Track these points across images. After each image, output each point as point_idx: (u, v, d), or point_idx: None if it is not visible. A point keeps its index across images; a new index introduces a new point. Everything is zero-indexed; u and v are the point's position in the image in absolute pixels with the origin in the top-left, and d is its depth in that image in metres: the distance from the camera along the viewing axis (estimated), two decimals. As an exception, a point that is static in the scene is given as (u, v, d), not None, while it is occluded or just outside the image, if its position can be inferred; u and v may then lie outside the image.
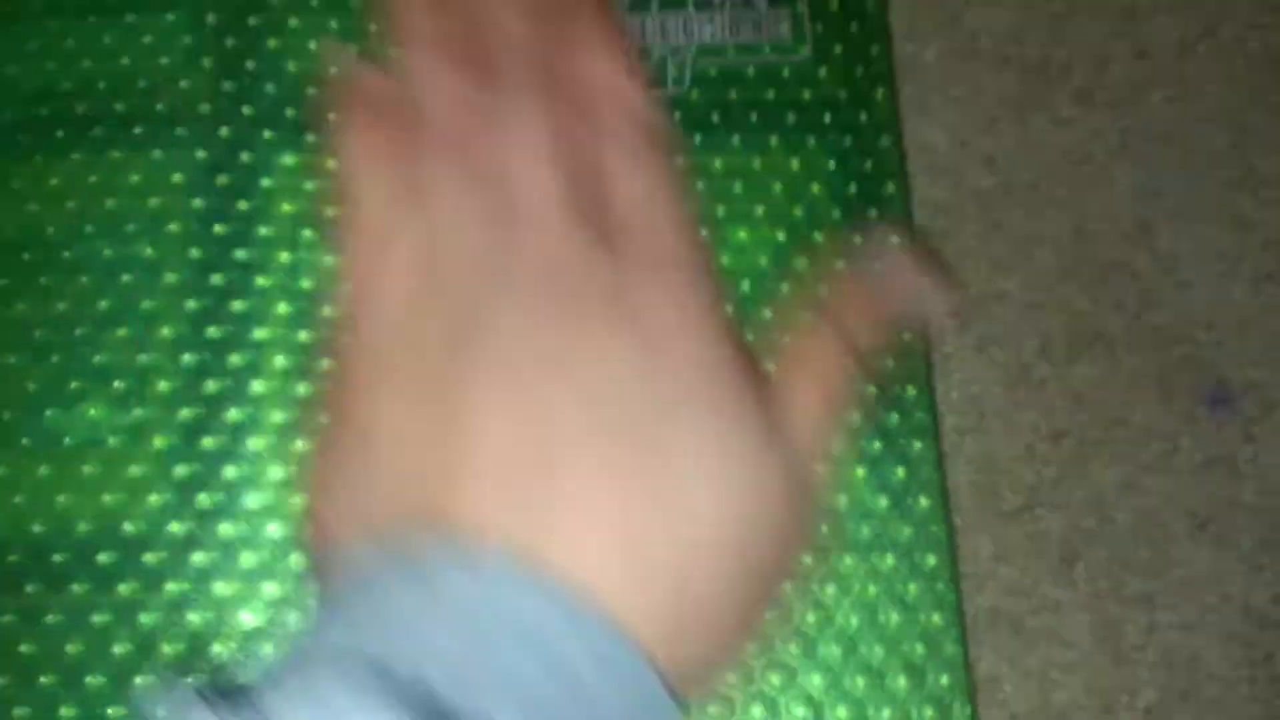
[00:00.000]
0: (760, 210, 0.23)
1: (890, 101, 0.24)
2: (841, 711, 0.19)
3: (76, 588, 0.20)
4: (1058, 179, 0.27)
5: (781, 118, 0.24)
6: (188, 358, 0.21)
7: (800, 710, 0.19)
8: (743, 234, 0.23)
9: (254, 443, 0.21)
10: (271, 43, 0.23)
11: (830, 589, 0.20)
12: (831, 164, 0.23)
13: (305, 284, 0.22)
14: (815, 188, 0.23)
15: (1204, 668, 0.23)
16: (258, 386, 0.21)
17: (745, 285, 0.22)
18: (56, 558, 0.20)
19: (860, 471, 0.21)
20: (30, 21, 0.23)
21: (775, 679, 0.19)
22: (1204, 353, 0.26)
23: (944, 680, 0.19)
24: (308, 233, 0.22)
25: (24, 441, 0.21)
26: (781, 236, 0.23)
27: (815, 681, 0.19)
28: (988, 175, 0.27)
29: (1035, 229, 0.26)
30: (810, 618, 0.19)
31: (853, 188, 0.23)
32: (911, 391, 0.21)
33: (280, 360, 0.21)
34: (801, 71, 0.24)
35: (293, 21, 0.23)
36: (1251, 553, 0.24)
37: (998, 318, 0.26)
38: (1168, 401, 0.25)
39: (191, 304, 0.21)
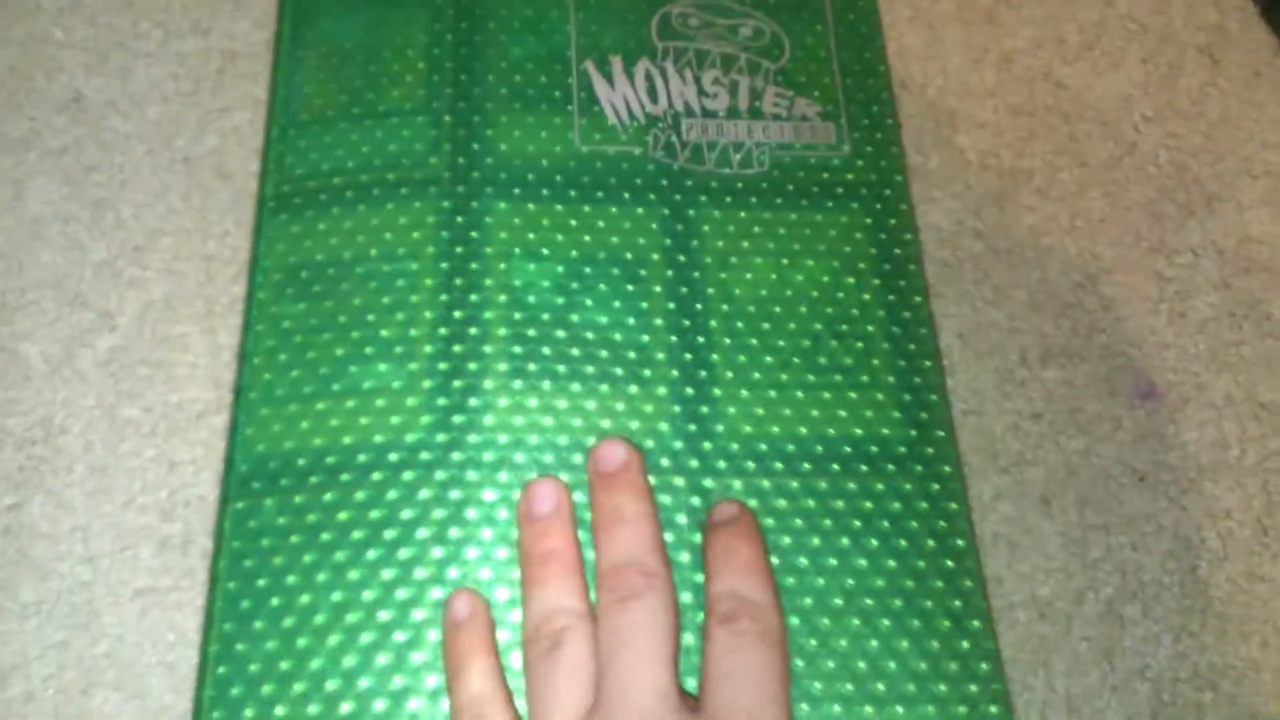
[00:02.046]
0: (821, 249, 0.40)
1: (905, 183, 0.42)
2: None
3: (376, 475, 0.35)
4: (1027, 246, 0.44)
5: (833, 191, 0.41)
6: (442, 330, 0.37)
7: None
8: (810, 262, 0.40)
9: (488, 383, 0.36)
10: (489, 132, 0.41)
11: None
12: (868, 221, 0.41)
13: (504, 299, 0.38)
14: (857, 235, 0.40)
15: (1146, 574, 0.39)
16: (487, 348, 0.37)
17: (813, 294, 0.39)
18: (361, 458, 0.35)
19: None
20: (326, 123, 0.41)
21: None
22: (1136, 363, 0.42)
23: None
24: (515, 250, 0.39)
25: (335, 387, 0.36)
26: (836, 264, 0.40)
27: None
28: (977, 243, 0.44)
29: (1013, 279, 0.44)
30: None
31: (882, 236, 0.40)
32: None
33: (500, 330, 0.37)
34: (845, 162, 0.42)
35: (502, 119, 0.41)
36: (1177, 497, 0.40)
37: (989, 338, 0.42)
38: (1113, 395, 0.42)
39: (443, 298, 0.38)
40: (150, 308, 0.40)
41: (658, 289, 0.38)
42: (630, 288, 0.38)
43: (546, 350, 0.37)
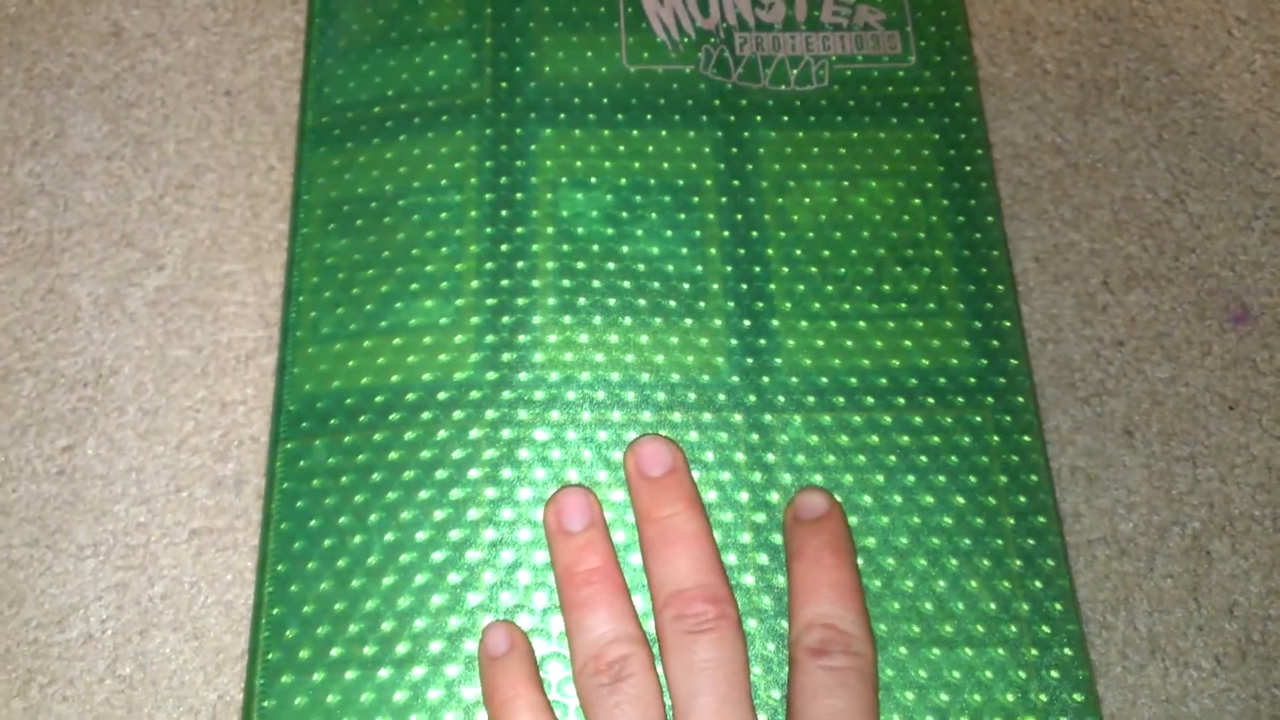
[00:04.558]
0: (885, 169, 0.38)
1: (976, 94, 0.40)
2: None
3: (426, 415, 0.34)
4: (1110, 161, 0.42)
5: (898, 105, 0.39)
6: (489, 265, 0.36)
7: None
8: (873, 184, 0.38)
9: (538, 319, 0.36)
10: (532, 54, 0.40)
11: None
12: (935, 137, 0.39)
13: (552, 231, 0.37)
14: (924, 153, 0.39)
15: (1236, 508, 0.37)
16: (536, 283, 0.36)
17: (876, 217, 0.37)
18: (410, 397, 0.35)
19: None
20: (364, 50, 0.40)
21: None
22: (1228, 285, 0.40)
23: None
24: (561, 179, 0.38)
25: (381, 324, 0.36)
26: (901, 184, 0.38)
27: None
28: (1056, 159, 0.42)
29: (1094, 197, 0.42)
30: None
31: (951, 152, 0.39)
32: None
33: (549, 264, 0.36)
34: (911, 74, 0.40)
35: (545, 39, 0.40)
36: (1270, 425, 0.38)
37: (1069, 260, 0.41)
38: (1202, 320, 0.40)
39: (489, 230, 0.37)
40: (197, 246, 0.40)
41: (711, 216, 0.37)
42: (682, 216, 0.37)
43: (596, 283, 0.36)
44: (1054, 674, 0.31)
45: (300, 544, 0.33)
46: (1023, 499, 0.34)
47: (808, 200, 0.38)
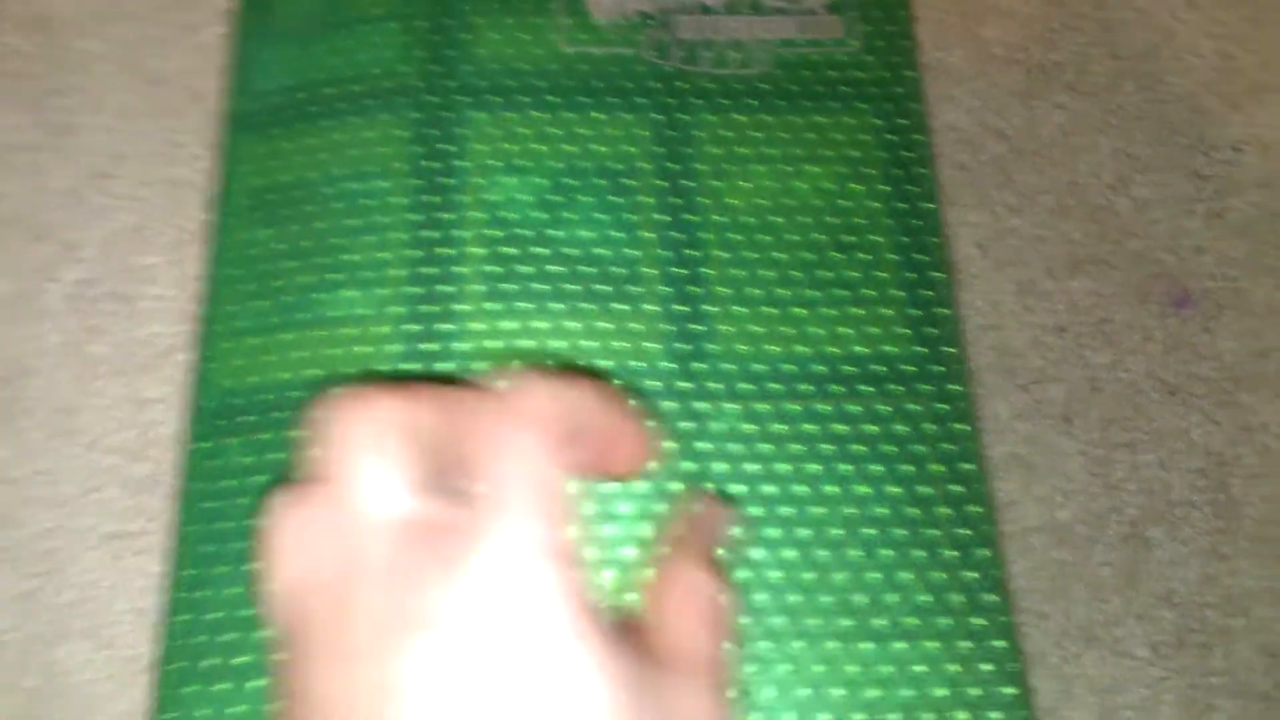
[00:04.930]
0: (825, 154, 0.38)
1: (917, 79, 0.39)
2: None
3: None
4: (1055, 146, 0.42)
5: (840, 90, 0.39)
6: (414, 252, 0.35)
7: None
8: (813, 169, 0.37)
9: (463, 306, 0.35)
10: (465, 36, 0.38)
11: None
12: (877, 122, 0.38)
13: (482, 216, 0.36)
14: (865, 138, 0.38)
15: (1174, 494, 0.37)
16: (462, 269, 0.35)
17: (816, 203, 0.37)
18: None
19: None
20: (292, 34, 0.39)
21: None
22: (1170, 270, 0.40)
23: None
24: (493, 163, 0.37)
25: (300, 316, 0.35)
26: (841, 170, 0.37)
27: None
28: (1000, 144, 0.42)
29: (1038, 182, 0.41)
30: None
31: (892, 138, 0.38)
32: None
33: (477, 250, 0.35)
34: (854, 59, 0.39)
35: (479, 20, 0.39)
36: (1210, 410, 0.38)
37: (1010, 246, 0.40)
38: (1144, 304, 0.39)
39: (414, 217, 0.36)
40: (116, 237, 0.39)
41: (648, 200, 0.36)
42: (618, 200, 0.36)
43: (526, 269, 0.35)
44: (987, 667, 0.31)
45: (210, 547, 0.32)
46: (958, 488, 0.33)
47: (747, 184, 0.37)
